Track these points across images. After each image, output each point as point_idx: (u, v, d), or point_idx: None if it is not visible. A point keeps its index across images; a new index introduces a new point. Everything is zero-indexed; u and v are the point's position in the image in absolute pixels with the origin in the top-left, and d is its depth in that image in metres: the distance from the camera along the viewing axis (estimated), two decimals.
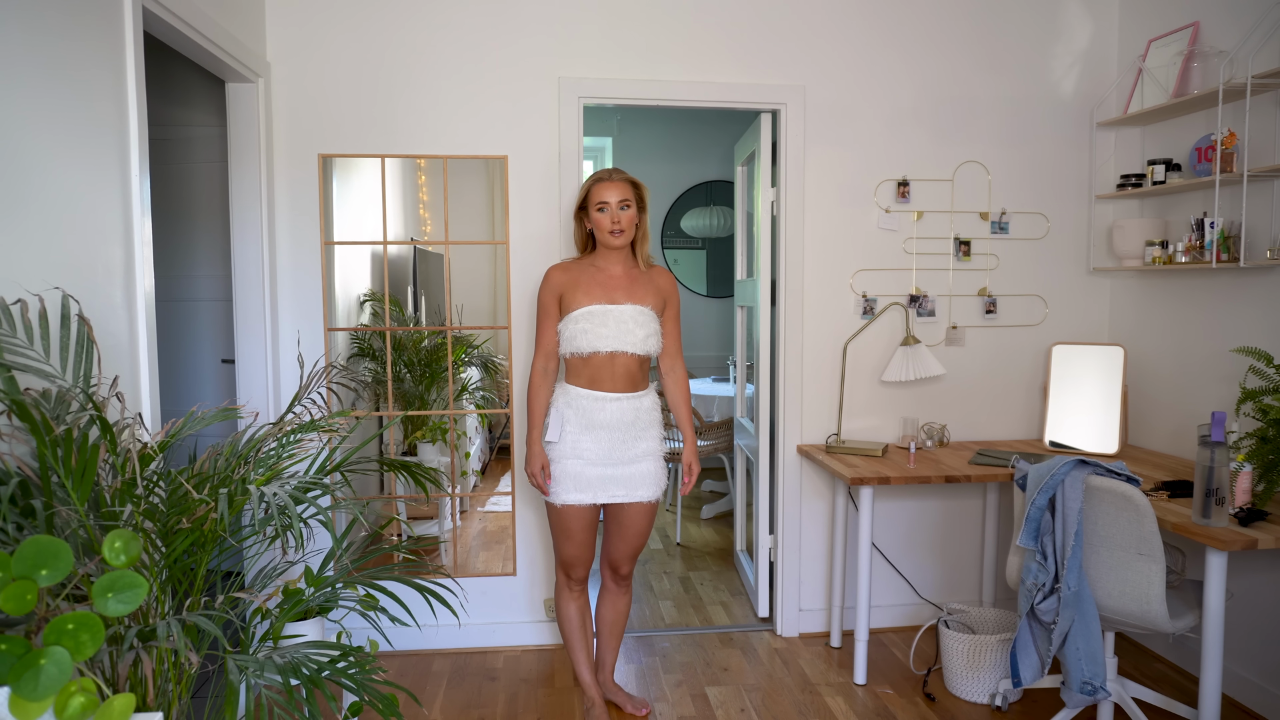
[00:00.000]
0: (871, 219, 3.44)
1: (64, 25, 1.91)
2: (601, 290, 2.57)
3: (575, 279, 2.59)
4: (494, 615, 3.37)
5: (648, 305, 2.58)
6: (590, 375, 2.55)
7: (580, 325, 2.52)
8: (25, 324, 1.65)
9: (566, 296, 2.58)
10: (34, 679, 1.10)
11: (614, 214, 2.53)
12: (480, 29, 3.20)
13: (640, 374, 2.60)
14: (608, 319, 2.52)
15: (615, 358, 2.54)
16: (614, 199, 2.53)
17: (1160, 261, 3.13)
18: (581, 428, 2.56)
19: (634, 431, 2.58)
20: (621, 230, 2.54)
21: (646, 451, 2.61)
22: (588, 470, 2.56)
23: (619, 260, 2.62)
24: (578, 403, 2.55)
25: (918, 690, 2.99)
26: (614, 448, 2.57)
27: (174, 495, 1.62)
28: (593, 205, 2.55)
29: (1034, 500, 2.38)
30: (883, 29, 3.39)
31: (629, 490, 2.59)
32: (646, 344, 2.55)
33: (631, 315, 2.54)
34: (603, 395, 2.55)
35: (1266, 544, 2.19)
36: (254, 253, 3.05)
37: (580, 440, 2.56)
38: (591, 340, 2.51)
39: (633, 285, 2.59)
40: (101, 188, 2.05)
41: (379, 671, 1.73)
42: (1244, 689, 2.88)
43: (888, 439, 3.51)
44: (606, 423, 2.55)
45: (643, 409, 2.60)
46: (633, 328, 2.53)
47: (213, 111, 3.88)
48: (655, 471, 2.63)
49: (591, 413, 2.55)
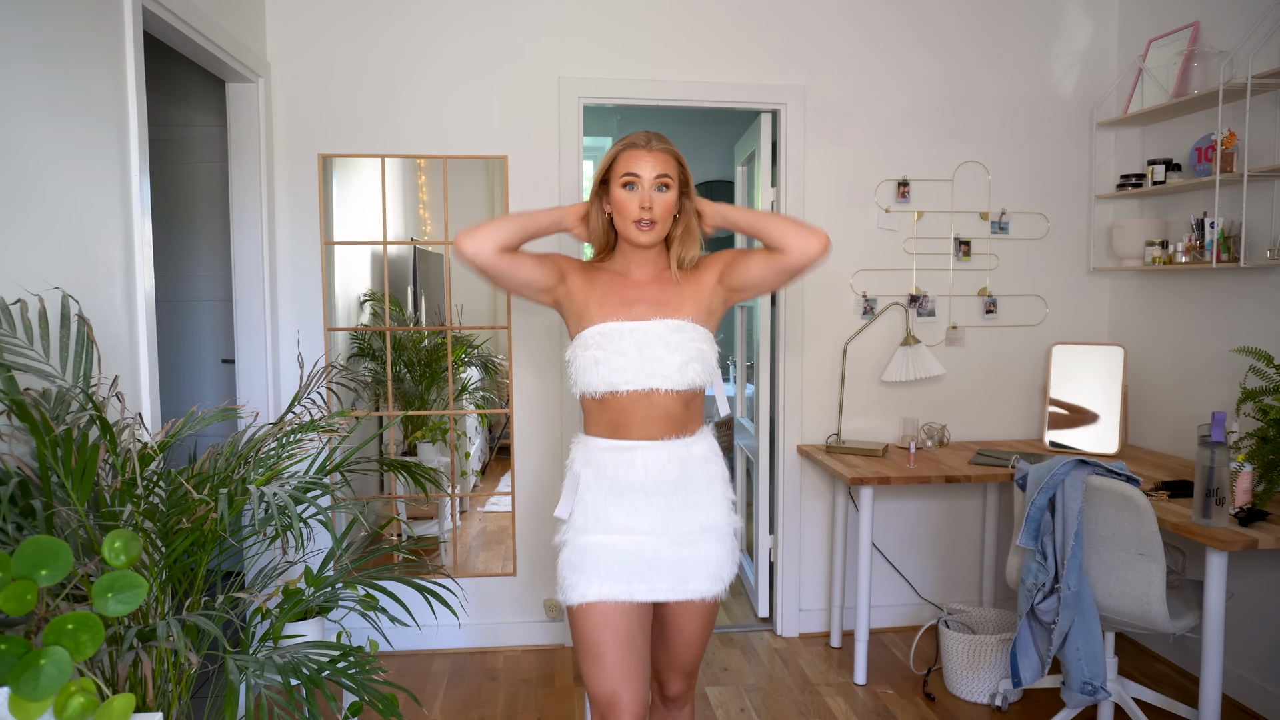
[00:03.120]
0: (871, 219, 3.44)
1: (64, 25, 1.91)
2: (619, 302, 1.83)
3: (592, 282, 1.87)
4: (494, 615, 3.37)
5: (686, 317, 1.82)
6: (610, 420, 1.81)
7: (590, 354, 1.77)
8: (25, 324, 1.65)
9: (574, 299, 1.86)
10: (34, 679, 1.10)
11: (645, 194, 1.77)
12: (480, 29, 3.20)
13: (685, 414, 1.83)
14: (625, 342, 1.78)
15: (641, 397, 1.78)
16: (648, 173, 1.77)
17: (1160, 261, 3.13)
18: (606, 492, 1.80)
19: (683, 495, 1.81)
20: (652, 222, 1.78)
21: (707, 525, 1.83)
22: (619, 549, 1.79)
23: (647, 262, 1.87)
24: (598, 458, 1.81)
25: (918, 690, 2.99)
26: (657, 518, 1.79)
27: (174, 495, 1.62)
28: (617, 179, 1.80)
29: (1034, 500, 2.38)
30: (883, 29, 3.39)
31: (677, 583, 1.81)
32: (686, 373, 1.77)
33: (661, 334, 1.78)
34: (630, 444, 1.79)
35: (1267, 544, 2.19)
36: (254, 253, 3.05)
37: (606, 508, 1.80)
38: (606, 374, 1.76)
39: (664, 295, 1.85)
40: (101, 188, 2.05)
41: (379, 671, 1.73)
42: (1244, 689, 2.87)
43: (888, 439, 3.51)
44: (641, 482, 1.78)
45: (693, 460, 1.82)
46: (663, 353, 1.77)
47: (213, 111, 3.88)
48: (717, 556, 1.83)
49: (617, 469, 1.79)
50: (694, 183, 1.88)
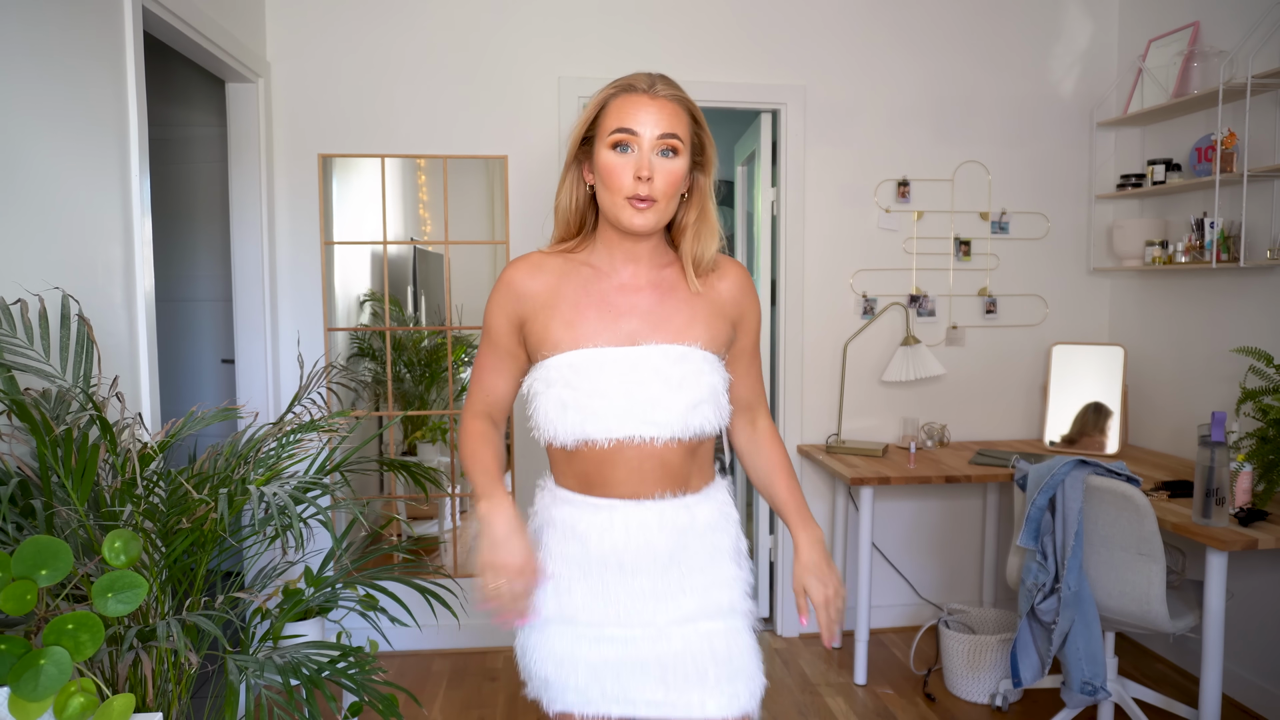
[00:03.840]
0: (871, 219, 3.44)
1: (64, 25, 1.91)
2: (598, 315, 1.32)
3: (553, 290, 1.34)
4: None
5: (694, 342, 1.33)
6: (583, 473, 1.33)
7: (555, 394, 1.28)
8: (25, 324, 1.65)
9: (534, 323, 1.34)
10: (34, 679, 1.10)
11: (644, 159, 1.26)
12: (480, 28, 3.19)
13: (688, 465, 1.35)
14: (607, 376, 1.28)
15: (628, 447, 1.30)
16: (649, 129, 1.26)
17: (1160, 261, 3.13)
18: (573, 564, 1.33)
19: (677, 573, 1.33)
20: (651, 199, 1.26)
21: (707, 609, 1.34)
22: (586, 647, 1.33)
23: (640, 257, 1.35)
24: (563, 516, 1.35)
25: (918, 690, 2.99)
26: (636, 605, 1.32)
27: (174, 495, 1.62)
28: (604, 136, 1.28)
29: (1034, 500, 2.38)
30: (883, 29, 3.39)
31: (672, 693, 1.32)
32: (694, 418, 1.30)
33: (659, 366, 1.29)
34: (607, 504, 1.32)
35: (1267, 544, 2.19)
36: (254, 253, 3.05)
37: (571, 587, 1.33)
38: (578, 422, 1.28)
39: (665, 307, 1.34)
40: (101, 188, 2.05)
41: (379, 672, 1.73)
42: (1244, 689, 2.87)
43: (888, 439, 3.51)
44: (619, 555, 1.31)
45: (695, 528, 1.34)
46: (661, 392, 1.28)
47: (213, 111, 3.88)
48: (728, 651, 1.34)
49: (587, 534, 1.32)
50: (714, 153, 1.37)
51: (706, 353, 1.33)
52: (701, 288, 1.38)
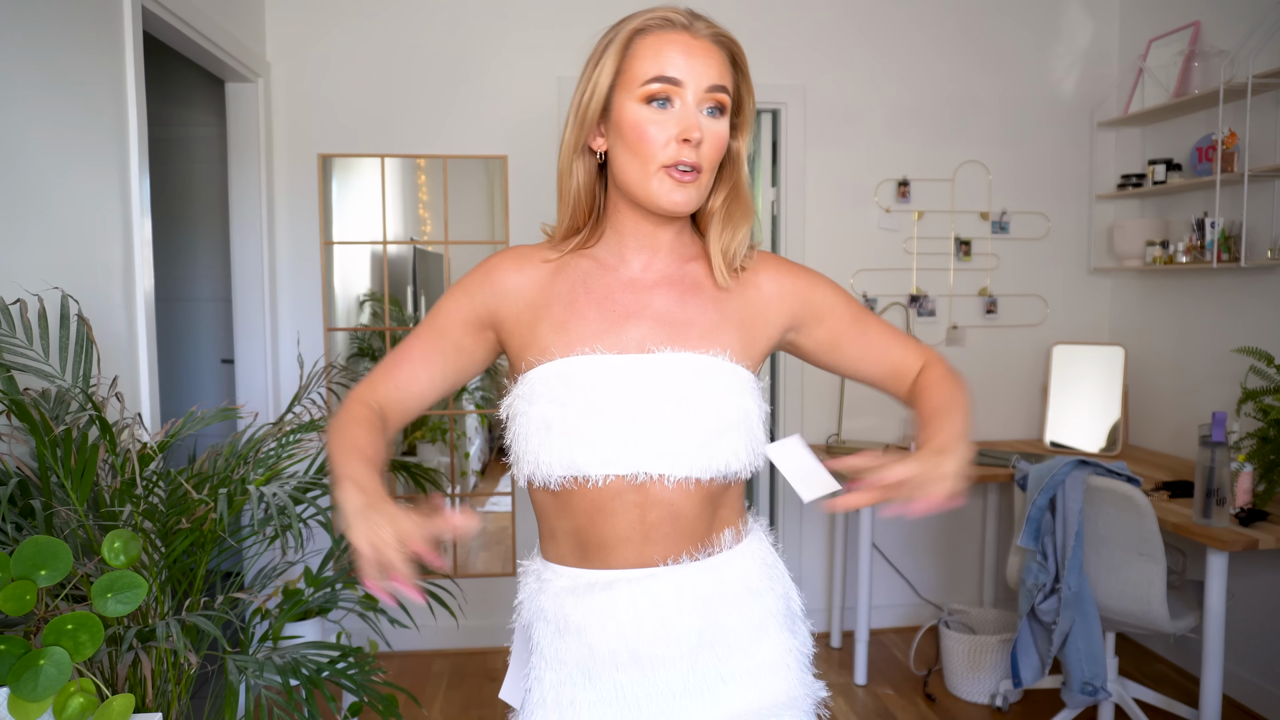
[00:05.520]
0: (872, 219, 3.44)
1: (63, 25, 1.91)
2: (599, 313, 1.04)
3: (543, 287, 1.08)
4: (494, 616, 3.37)
5: (723, 351, 1.03)
6: (576, 532, 1.04)
7: (539, 411, 1.00)
8: (25, 324, 1.65)
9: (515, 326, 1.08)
10: (33, 679, 1.10)
11: (690, 115, 0.99)
12: (480, 28, 3.19)
13: (709, 517, 1.05)
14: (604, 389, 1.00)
15: (631, 490, 1.00)
16: (697, 79, 0.99)
17: (1161, 261, 3.13)
18: (573, 666, 1.05)
19: (711, 658, 1.04)
20: (697, 169, 0.99)
21: (759, 704, 1.05)
22: None
23: (659, 246, 1.07)
24: (557, 606, 1.06)
25: (918, 691, 2.99)
26: (664, 707, 1.03)
27: (173, 495, 1.62)
28: (632, 86, 1.00)
29: (1034, 500, 2.38)
30: (883, 29, 3.39)
31: None
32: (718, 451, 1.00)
33: (675, 379, 1.00)
34: (608, 577, 1.03)
35: (1267, 544, 2.19)
36: (254, 253, 3.05)
37: (575, 697, 1.04)
38: (565, 448, 0.99)
39: (687, 308, 1.05)
40: (101, 188, 2.05)
41: (379, 672, 1.73)
42: (1244, 689, 2.87)
43: (888, 439, 3.51)
44: (631, 648, 1.02)
45: (728, 595, 1.05)
46: (676, 413, 0.99)
47: (213, 111, 3.88)
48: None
49: (585, 624, 1.03)
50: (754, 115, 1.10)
51: (738, 366, 1.02)
52: (734, 285, 1.07)
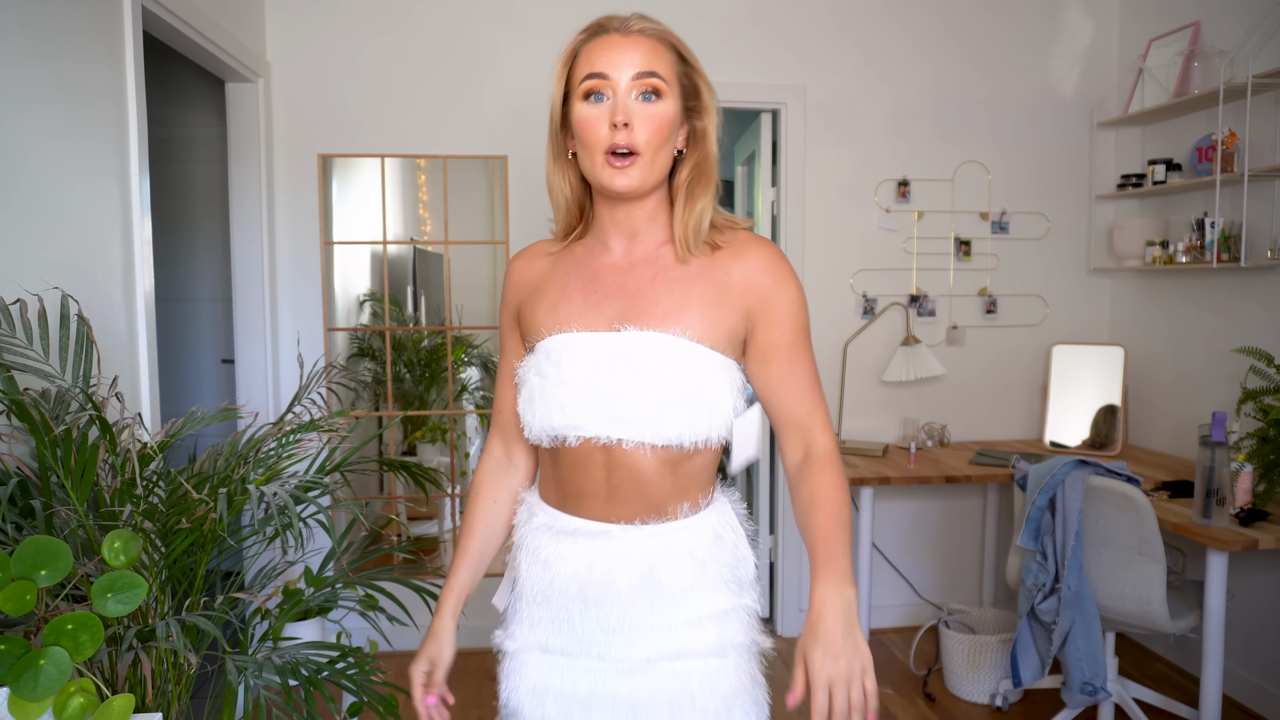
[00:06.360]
0: (872, 219, 3.44)
1: (64, 26, 1.91)
2: (583, 295, 1.18)
3: (545, 275, 1.23)
4: (493, 616, 3.36)
5: (681, 330, 1.12)
6: (560, 483, 1.21)
7: (530, 381, 1.17)
8: (25, 324, 1.65)
9: (525, 310, 1.24)
10: (33, 679, 1.10)
11: (620, 104, 1.10)
12: (480, 28, 3.19)
13: (668, 484, 1.16)
14: (575, 363, 1.14)
15: (599, 452, 1.15)
16: (622, 71, 1.11)
17: (1161, 261, 3.13)
18: (540, 588, 1.24)
19: (644, 605, 1.17)
20: (633, 153, 1.09)
21: (689, 647, 1.18)
22: (563, 679, 1.22)
23: (635, 229, 1.17)
24: (534, 537, 1.25)
25: (918, 690, 2.99)
26: (607, 636, 1.19)
27: (173, 495, 1.62)
28: (578, 90, 1.14)
29: (1034, 500, 2.38)
30: (883, 29, 3.39)
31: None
32: (667, 421, 1.11)
33: (630, 354, 1.12)
34: (574, 526, 1.20)
35: (1267, 544, 2.19)
36: (254, 253, 3.05)
37: (540, 620, 1.25)
38: (544, 413, 1.15)
39: (655, 286, 1.15)
40: (101, 188, 2.05)
41: (378, 672, 1.73)
42: (1244, 689, 2.87)
43: (888, 439, 3.51)
44: (579, 586, 1.19)
45: (673, 558, 1.17)
46: (629, 385, 1.11)
47: (213, 111, 3.88)
48: (712, 695, 1.19)
49: (549, 558, 1.22)
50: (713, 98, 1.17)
51: (695, 345, 1.11)
52: (707, 264, 1.15)
